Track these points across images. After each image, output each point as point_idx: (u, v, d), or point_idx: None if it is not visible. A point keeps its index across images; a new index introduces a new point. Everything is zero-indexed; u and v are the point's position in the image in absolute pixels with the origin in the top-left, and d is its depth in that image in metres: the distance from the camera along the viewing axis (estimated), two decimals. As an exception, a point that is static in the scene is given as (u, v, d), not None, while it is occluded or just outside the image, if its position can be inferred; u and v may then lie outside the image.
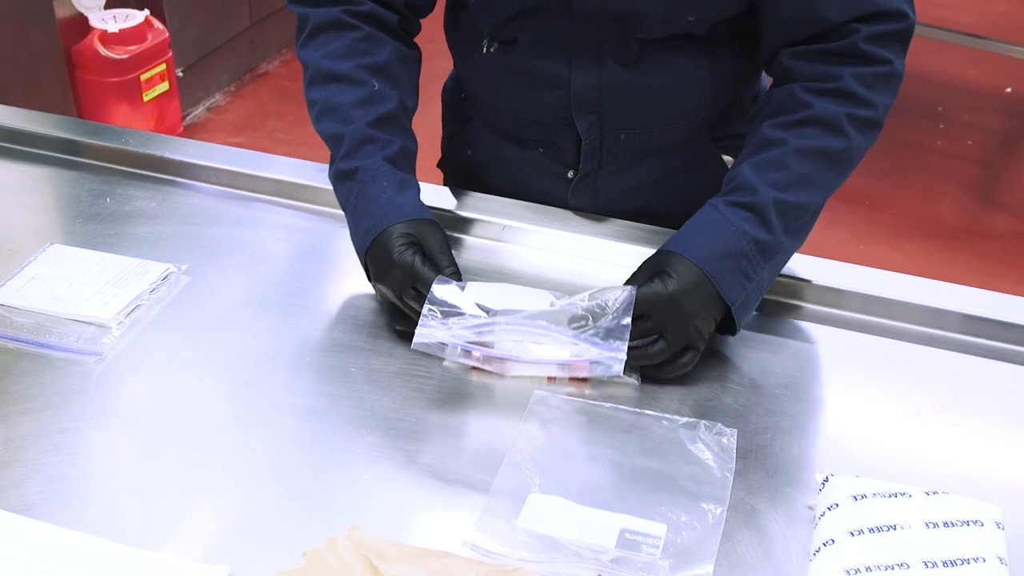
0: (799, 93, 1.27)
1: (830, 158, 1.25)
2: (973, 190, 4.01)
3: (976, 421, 1.19)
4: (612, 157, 1.43)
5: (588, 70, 1.35)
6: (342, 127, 1.32)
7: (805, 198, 1.25)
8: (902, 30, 1.26)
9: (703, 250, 1.21)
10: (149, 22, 3.74)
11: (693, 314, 1.19)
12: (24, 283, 1.33)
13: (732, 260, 1.21)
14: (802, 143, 1.25)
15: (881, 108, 1.27)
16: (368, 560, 0.96)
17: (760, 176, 1.24)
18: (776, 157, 1.25)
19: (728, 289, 1.21)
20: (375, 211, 1.28)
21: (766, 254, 1.23)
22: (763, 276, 1.24)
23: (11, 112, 1.71)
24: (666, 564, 0.99)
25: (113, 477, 1.10)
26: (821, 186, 1.26)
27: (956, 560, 0.95)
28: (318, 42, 1.38)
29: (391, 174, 1.31)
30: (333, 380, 1.22)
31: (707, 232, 1.23)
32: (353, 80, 1.34)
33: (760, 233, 1.22)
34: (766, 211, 1.22)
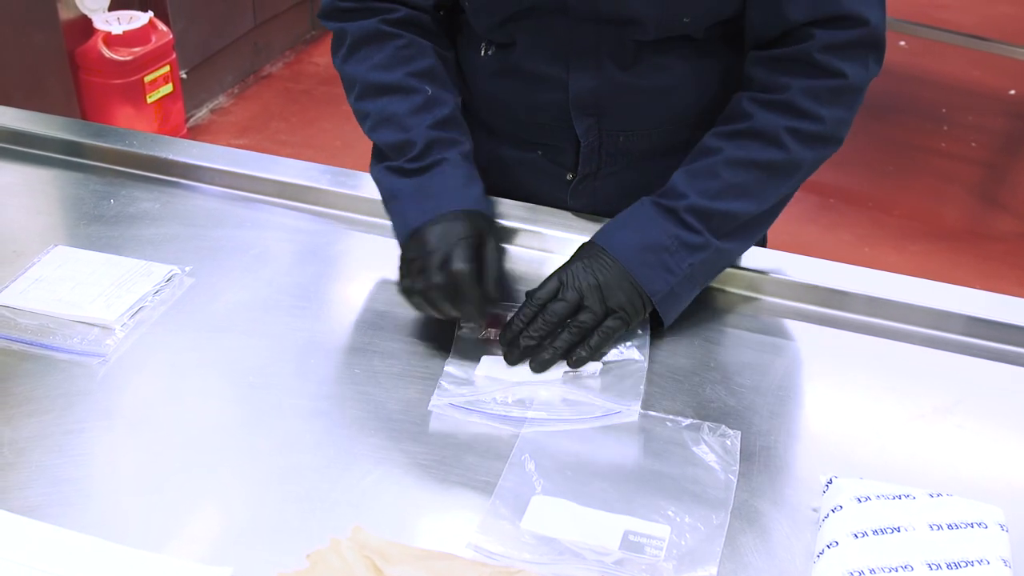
0: (744, 103, 1.29)
1: (766, 169, 1.28)
2: (977, 192, 4.01)
3: (980, 423, 1.19)
4: (611, 159, 1.43)
5: (586, 72, 1.35)
6: (404, 134, 1.33)
7: (735, 206, 1.27)
8: (864, 38, 1.25)
9: (623, 242, 1.26)
10: (153, 24, 3.74)
11: (614, 294, 1.24)
12: (28, 285, 1.33)
13: (652, 253, 1.25)
14: (736, 154, 1.27)
15: (830, 122, 1.27)
16: (371, 561, 0.96)
17: (690, 183, 1.28)
18: (709, 165, 1.28)
19: (648, 280, 1.24)
20: (441, 195, 1.29)
21: (691, 250, 1.26)
22: (693, 272, 1.26)
23: (15, 114, 1.71)
24: (670, 566, 0.99)
25: (117, 479, 1.10)
26: (756, 195, 1.28)
27: (960, 562, 0.95)
28: (360, 56, 1.38)
29: (462, 166, 1.33)
30: (337, 381, 1.22)
31: (631, 226, 1.28)
32: (405, 89, 1.35)
33: (683, 232, 1.26)
34: (685, 216, 1.26)
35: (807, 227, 3.61)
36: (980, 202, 3.95)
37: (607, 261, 1.25)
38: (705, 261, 1.27)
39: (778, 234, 1.57)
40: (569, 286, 1.24)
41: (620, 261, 1.25)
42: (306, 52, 4.85)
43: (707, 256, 1.27)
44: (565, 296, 1.23)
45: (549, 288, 1.25)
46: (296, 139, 4.17)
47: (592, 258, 1.26)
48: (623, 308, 1.24)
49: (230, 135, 4.18)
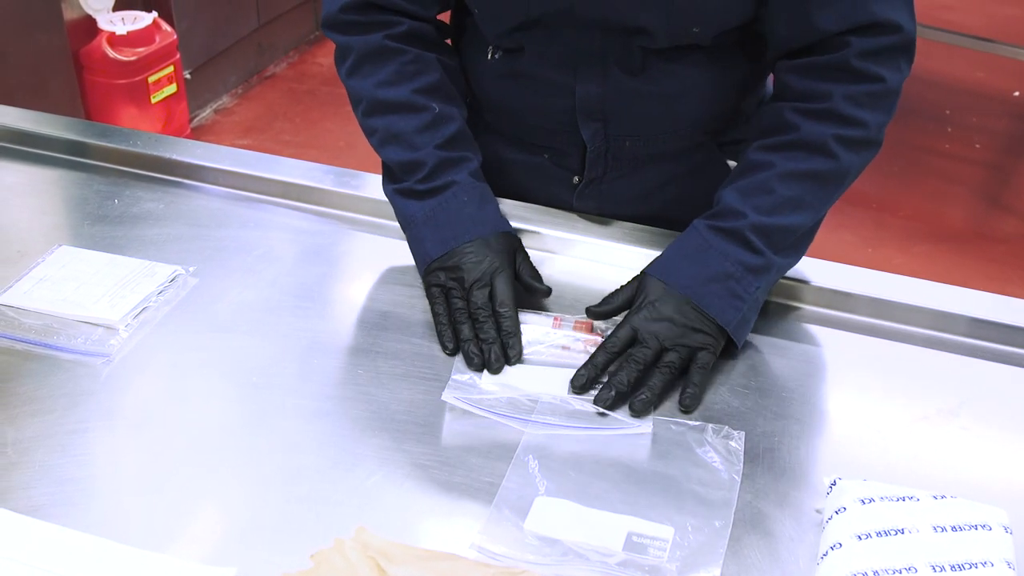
0: (787, 114, 1.27)
1: (818, 179, 1.26)
2: (981, 193, 4.00)
3: (984, 425, 1.19)
4: (617, 163, 1.43)
5: (593, 79, 1.35)
6: (412, 153, 1.34)
7: (793, 220, 1.26)
8: (897, 44, 1.25)
9: (686, 276, 1.24)
10: (157, 24, 3.74)
11: (697, 334, 1.22)
12: (32, 285, 1.33)
13: (718, 283, 1.23)
14: (788, 166, 1.26)
15: (873, 127, 1.27)
16: (375, 562, 0.96)
17: (745, 201, 1.26)
18: (761, 181, 1.26)
19: (719, 311, 1.23)
20: (456, 224, 1.31)
21: (756, 274, 1.25)
22: (758, 295, 1.26)
23: (19, 114, 1.71)
24: (673, 567, 0.99)
25: (120, 479, 1.10)
26: (811, 206, 1.27)
27: (964, 564, 0.95)
28: (365, 71, 1.38)
29: (472, 189, 1.34)
30: (340, 382, 1.22)
31: (690, 258, 1.26)
32: (412, 106, 1.35)
33: (746, 256, 1.24)
34: (748, 236, 1.24)
35: (811, 228, 3.60)
36: (984, 203, 3.94)
37: (676, 299, 1.23)
38: (769, 281, 1.27)
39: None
40: (645, 333, 1.21)
41: (690, 298, 1.23)
42: (310, 52, 4.85)
43: (771, 276, 1.27)
44: (646, 343, 1.21)
45: (622, 336, 1.22)
46: (300, 139, 4.17)
47: (660, 300, 1.23)
48: (706, 344, 1.22)
49: (234, 135, 4.18)
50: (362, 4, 1.37)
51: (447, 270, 1.29)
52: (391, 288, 1.38)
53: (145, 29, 3.68)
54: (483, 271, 1.28)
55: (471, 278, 1.28)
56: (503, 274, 1.28)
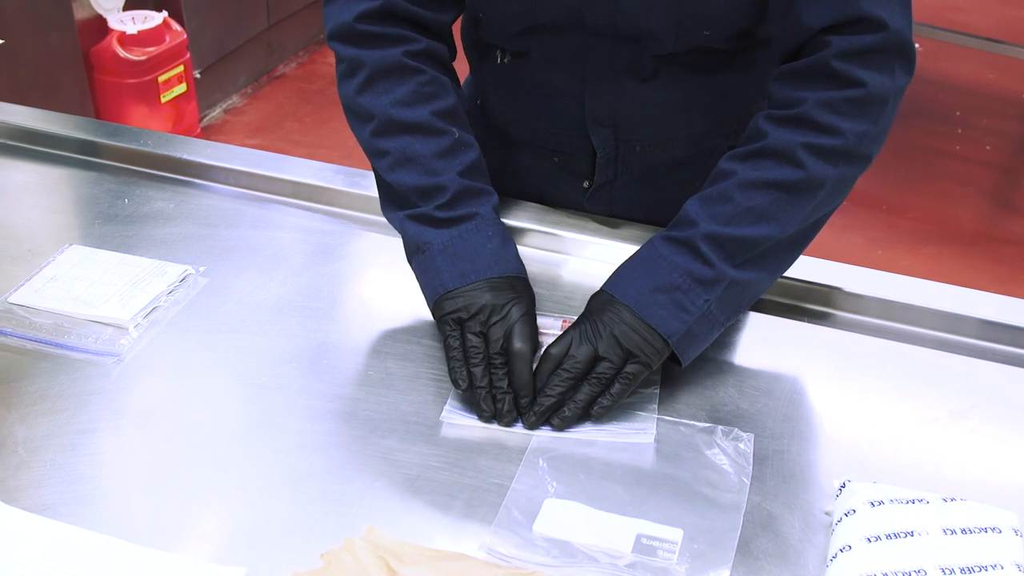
0: (760, 122, 1.22)
1: (784, 189, 1.19)
2: (991, 195, 3.99)
3: (994, 427, 1.19)
4: (627, 168, 1.43)
5: (602, 86, 1.34)
6: (431, 178, 1.27)
7: (753, 231, 1.19)
8: (882, 44, 1.18)
9: (633, 287, 1.20)
10: (167, 24, 3.75)
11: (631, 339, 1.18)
12: (43, 284, 1.33)
13: (663, 293, 1.19)
14: (750, 174, 1.20)
15: (851, 136, 1.19)
16: (385, 562, 0.96)
17: (702, 209, 1.21)
18: (722, 190, 1.21)
19: (661, 321, 1.18)
20: (478, 258, 1.24)
21: (705, 286, 1.19)
22: (710, 308, 1.19)
23: (30, 113, 1.71)
24: (682, 569, 0.99)
25: (130, 478, 1.10)
26: (775, 219, 1.20)
27: (973, 567, 0.95)
28: (379, 88, 1.29)
29: (495, 224, 1.28)
30: (350, 383, 1.22)
31: (639, 270, 1.22)
32: (431, 129, 1.28)
33: (694, 266, 1.19)
34: (698, 245, 1.19)
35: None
36: (994, 205, 3.94)
37: (618, 308, 1.19)
38: (723, 297, 1.20)
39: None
40: (583, 339, 1.18)
41: (631, 306, 1.19)
42: (320, 52, 4.85)
43: (723, 290, 1.19)
44: (579, 350, 1.18)
45: (563, 344, 1.19)
46: (309, 139, 4.18)
47: (603, 308, 1.20)
48: (642, 351, 1.17)
49: (244, 135, 4.19)
50: (381, 12, 1.30)
51: (464, 305, 1.22)
52: (401, 289, 1.38)
53: (155, 29, 3.68)
54: (506, 310, 1.21)
55: (492, 316, 1.21)
56: (526, 317, 1.22)
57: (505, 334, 1.20)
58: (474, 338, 1.20)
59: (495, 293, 1.22)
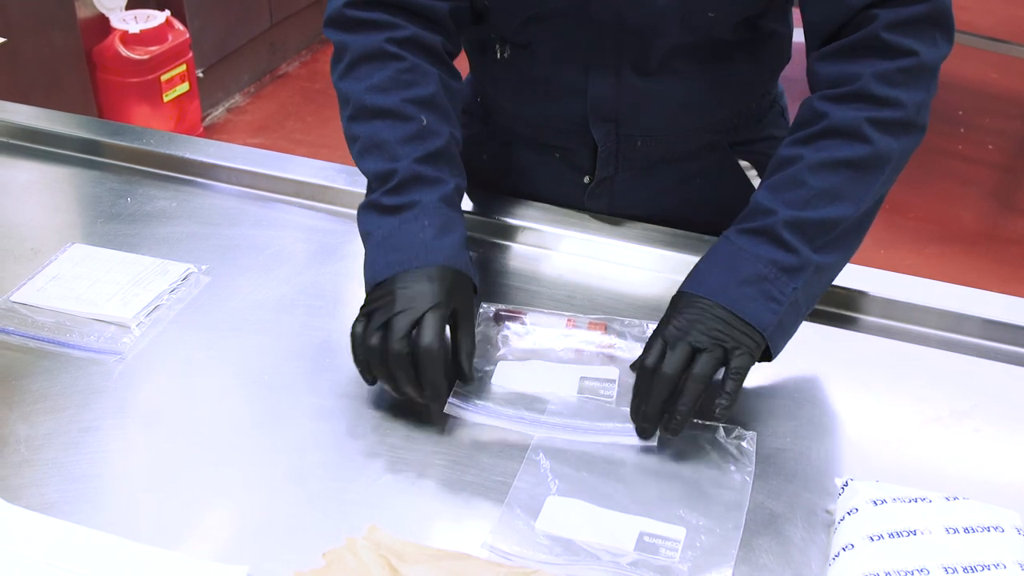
0: (817, 104, 1.21)
1: (854, 167, 1.18)
2: (994, 195, 3.99)
3: (997, 426, 1.19)
4: (628, 163, 1.43)
5: (605, 78, 1.34)
6: (390, 164, 1.23)
7: (830, 212, 1.17)
8: (928, 14, 1.18)
9: (718, 283, 1.16)
10: (169, 23, 3.75)
11: (727, 332, 1.13)
12: (45, 282, 1.34)
13: (751, 285, 1.15)
14: (819, 156, 1.18)
15: (911, 106, 1.19)
16: (387, 561, 0.96)
17: (775, 197, 1.19)
18: (791, 175, 1.19)
19: (754, 314, 1.14)
20: (408, 248, 1.18)
21: (791, 274, 1.16)
22: (797, 296, 1.17)
23: (33, 112, 1.72)
24: (685, 567, 0.99)
25: (133, 476, 1.10)
26: (849, 197, 1.18)
27: (976, 566, 0.95)
28: (359, 74, 1.28)
29: (437, 214, 1.21)
30: (352, 381, 1.22)
31: (720, 265, 1.18)
32: (400, 115, 1.25)
33: (779, 255, 1.16)
34: (779, 233, 1.16)
35: (823, 229, 3.60)
36: (997, 205, 3.93)
37: (707, 305, 1.14)
38: (808, 283, 1.17)
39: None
40: (675, 342, 1.13)
41: (721, 303, 1.14)
42: (322, 51, 4.85)
43: (808, 277, 1.17)
44: (674, 354, 1.12)
45: (655, 352, 1.13)
46: (312, 138, 4.18)
47: (689, 307, 1.15)
48: (742, 343, 1.13)
49: (246, 134, 4.19)
50: (366, 0, 1.29)
51: (376, 296, 1.17)
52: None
53: (158, 28, 3.69)
54: (413, 304, 1.14)
55: (396, 307, 1.14)
56: (435, 313, 1.14)
57: (412, 328, 1.13)
58: (374, 337, 1.14)
59: (411, 285, 1.15)
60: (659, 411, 1.12)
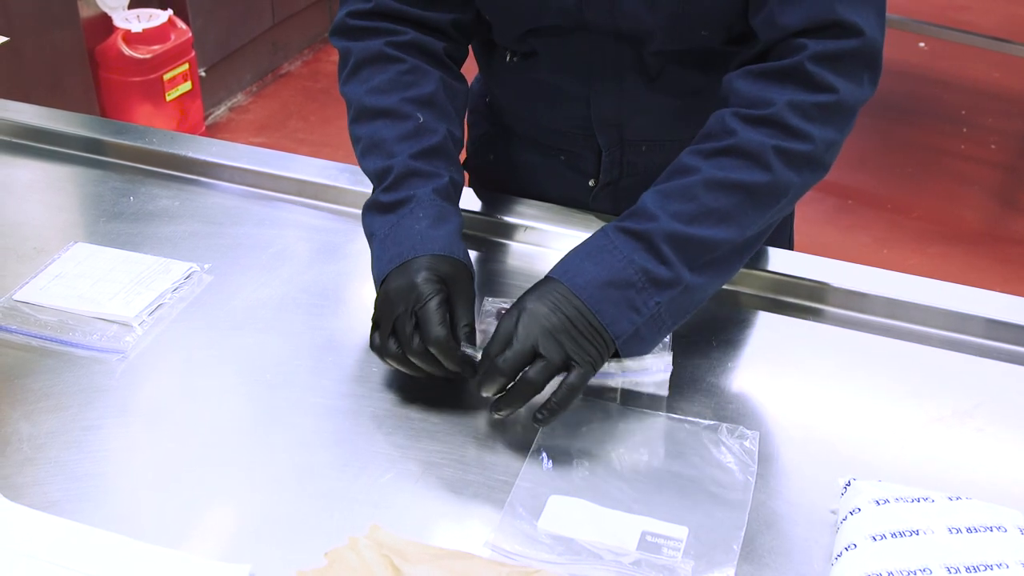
0: (728, 119, 1.18)
1: (749, 192, 1.15)
2: (996, 194, 3.99)
3: (1000, 426, 1.19)
4: (632, 168, 1.43)
5: (608, 86, 1.34)
6: (386, 161, 1.25)
7: (714, 234, 1.14)
8: (857, 50, 1.16)
9: (584, 277, 1.13)
10: (172, 22, 3.76)
11: (574, 338, 1.11)
12: (48, 281, 1.34)
13: (616, 289, 1.12)
14: (716, 174, 1.15)
15: (820, 143, 1.16)
16: (389, 560, 0.96)
17: (663, 205, 1.15)
18: (685, 186, 1.16)
19: (612, 320, 1.12)
20: (405, 240, 1.19)
21: (659, 287, 1.13)
22: (660, 312, 1.14)
23: (35, 111, 1.72)
24: (688, 567, 0.99)
25: (135, 475, 1.10)
26: (736, 223, 1.15)
27: (979, 566, 0.94)
28: (361, 77, 1.31)
29: (431, 205, 1.22)
30: (355, 380, 1.22)
31: (592, 259, 1.14)
32: (398, 114, 1.27)
33: (651, 264, 1.13)
34: (658, 243, 1.13)
35: (825, 229, 3.60)
36: (999, 205, 3.93)
37: (566, 298, 1.12)
38: (673, 300, 1.14)
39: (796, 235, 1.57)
40: (523, 331, 1.10)
41: (582, 299, 1.12)
42: (324, 51, 4.86)
43: (675, 295, 1.14)
44: (517, 345, 1.10)
45: (500, 341, 1.11)
46: (314, 137, 4.18)
47: (548, 295, 1.13)
48: (586, 353, 1.11)
49: (248, 133, 4.19)
50: (368, 12, 1.33)
51: (382, 298, 1.18)
52: (405, 286, 1.38)
53: (160, 27, 3.69)
54: (409, 301, 1.14)
55: (397, 309, 1.15)
56: (429, 304, 1.14)
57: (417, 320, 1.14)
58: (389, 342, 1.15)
59: (403, 282, 1.15)
60: (494, 390, 1.12)
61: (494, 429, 1.16)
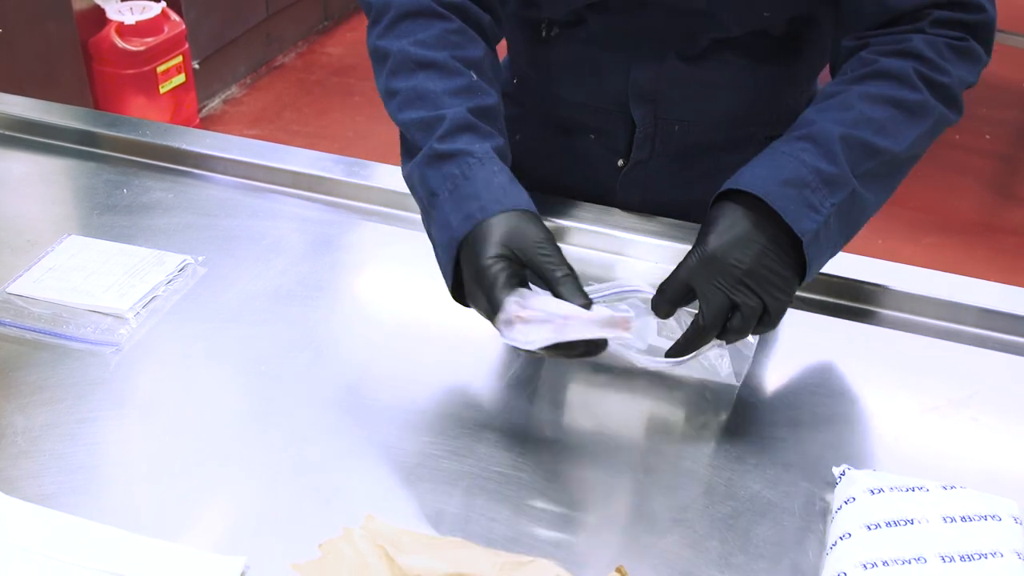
0: (864, 55, 1.17)
1: (901, 107, 1.13)
2: (991, 185, 3.99)
3: (994, 416, 1.19)
4: (664, 147, 1.41)
5: (649, 62, 1.34)
6: (435, 111, 1.13)
7: (876, 139, 1.12)
8: (977, 22, 1.18)
9: (759, 178, 1.08)
10: (165, 14, 3.75)
11: (759, 252, 1.05)
12: (42, 274, 1.33)
13: (793, 188, 1.07)
14: (869, 90, 1.14)
15: (955, 78, 1.16)
16: (384, 551, 0.96)
17: (822, 113, 1.13)
18: (840, 100, 1.14)
19: (795, 218, 1.06)
20: (485, 194, 1.07)
21: (831, 187, 1.09)
22: (831, 219, 1.09)
23: (28, 104, 1.71)
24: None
25: (130, 467, 1.10)
26: (895, 133, 1.13)
27: (973, 555, 0.95)
28: (402, 30, 1.18)
29: (495, 161, 1.11)
30: (349, 372, 1.22)
31: (761, 164, 1.11)
32: (448, 68, 1.15)
33: (822, 163, 1.09)
34: (828, 141, 1.10)
35: (820, 219, 3.60)
36: (994, 195, 3.94)
37: (744, 215, 1.06)
38: (843, 204, 1.10)
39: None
40: (710, 289, 1.05)
41: (760, 196, 1.06)
42: (319, 43, 4.85)
43: (846, 198, 1.10)
44: (711, 303, 1.05)
45: (671, 293, 1.08)
46: (309, 129, 4.18)
47: (726, 222, 1.07)
48: (781, 290, 1.06)
49: (243, 125, 4.19)
50: None
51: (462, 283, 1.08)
52: (400, 278, 1.38)
53: (154, 19, 3.68)
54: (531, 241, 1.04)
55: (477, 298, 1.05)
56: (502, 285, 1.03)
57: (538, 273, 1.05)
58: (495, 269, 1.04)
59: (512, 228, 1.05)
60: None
61: (491, 419, 1.16)
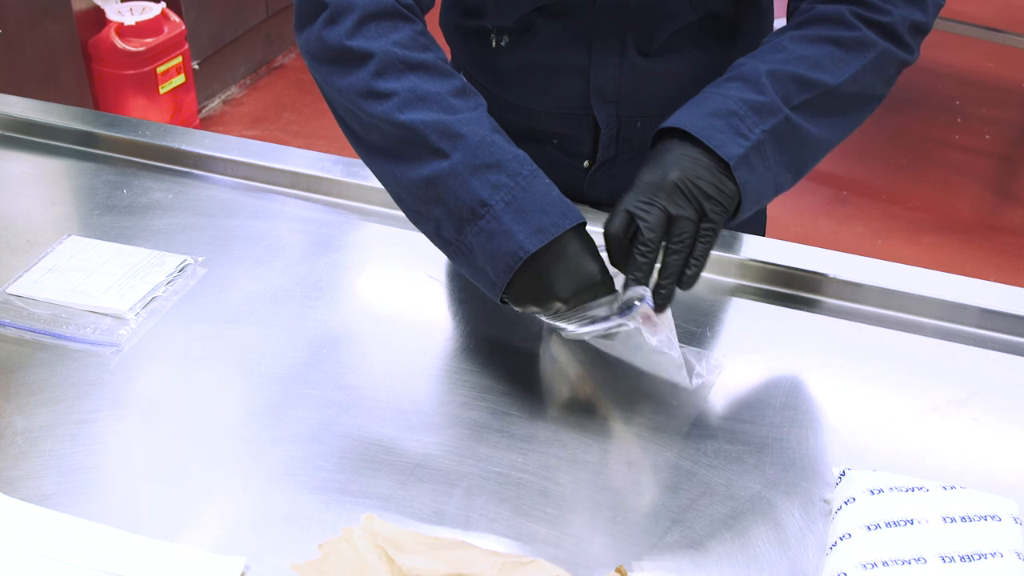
0: (803, 6, 1.22)
1: (838, 44, 1.17)
2: (991, 185, 3.99)
3: (994, 416, 1.19)
4: (629, 145, 1.42)
5: (609, 59, 1.33)
6: (451, 115, 1.12)
7: (810, 73, 1.16)
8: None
9: (686, 115, 1.14)
10: (165, 15, 3.74)
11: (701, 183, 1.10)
12: (41, 275, 1.33)
13: (719, 118, 1.12)
14: (802, 32, 1.19)
15: (898, 17, 1.19)
16: (384, 551, 0.96)
17: (753, 59, 1.19)
18: (773, 45, 1.20)
19: (719, 143, 1.11)
20: (551, 208, 1.10)
21: (760, 114, 1.13)
22: (765, 146, 1.14)
23: (28, 104, 1.71)
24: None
25: (130, 468, 1.10)
26: (831, 67, 1.17)
27: (973, 555, 0.95)
28: (373, 31, 1.16)
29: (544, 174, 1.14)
30: (349, 372, 1.22)
31: (690, 104, 1.17)
32: (438, 70, 1.16)
33: (749, 94, 1.14)
34: (755, 75, 1.15)
35: (820, 219, 3.60)
36: (994, 195, 3.93)
37: (672, 144, 1.12)
38: (777, 131, 1.14)
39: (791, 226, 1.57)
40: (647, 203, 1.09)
41: (686, 128, 1.12)
42: (318, 43, 4.84)
43: (779, 124, 1.14)
44: (649, 215, 1.09)
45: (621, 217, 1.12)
46: (308, 130, 4.18)
47: (657, 154, 1.13)
48: (714, 197, 1.10)
49: (242, 126, 4.19)
50: None
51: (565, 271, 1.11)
52: (400, 278, 1.38)
53: (153, 20, 3.68)
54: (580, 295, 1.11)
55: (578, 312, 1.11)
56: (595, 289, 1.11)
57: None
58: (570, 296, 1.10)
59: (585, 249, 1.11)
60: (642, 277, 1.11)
61: (489, 422, 1.16)
